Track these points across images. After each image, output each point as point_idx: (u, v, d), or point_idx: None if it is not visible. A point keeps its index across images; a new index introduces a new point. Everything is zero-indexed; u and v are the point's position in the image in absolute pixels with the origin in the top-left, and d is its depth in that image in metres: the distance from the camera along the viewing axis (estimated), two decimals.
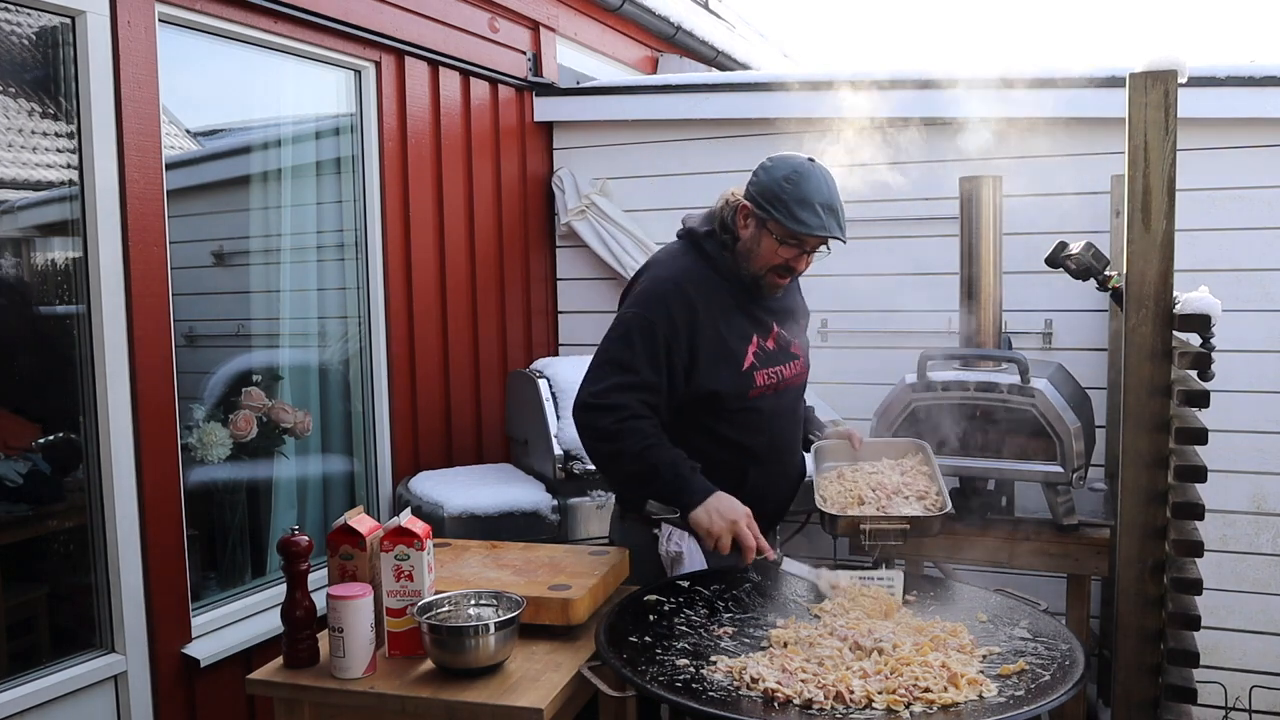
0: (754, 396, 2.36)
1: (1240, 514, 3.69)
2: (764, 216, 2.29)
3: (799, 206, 2.24)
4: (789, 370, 2.45)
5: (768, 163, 2.34)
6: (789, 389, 2.47)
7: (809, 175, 2.27)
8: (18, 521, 2.84)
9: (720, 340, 2.33)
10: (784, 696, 1.67)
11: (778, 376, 2.41)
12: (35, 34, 2.70)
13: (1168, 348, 2.01)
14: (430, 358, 3.92)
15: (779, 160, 2.33)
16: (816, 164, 2.31)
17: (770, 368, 2.40)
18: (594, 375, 2.32)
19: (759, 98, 4.17)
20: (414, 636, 1.94)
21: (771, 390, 2.40)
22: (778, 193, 2.26)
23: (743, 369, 2.35)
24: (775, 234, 2.29)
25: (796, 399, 2.55)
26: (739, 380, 2.34)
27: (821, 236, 2.27)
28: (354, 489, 3.76)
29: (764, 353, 2.40)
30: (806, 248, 2.32)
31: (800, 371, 2.51)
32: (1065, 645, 1.86)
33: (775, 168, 2.31)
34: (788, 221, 2.25)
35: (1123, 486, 2.05)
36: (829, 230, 2.26)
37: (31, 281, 3.07)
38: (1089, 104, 3.70)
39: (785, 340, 2.46)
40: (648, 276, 2.42)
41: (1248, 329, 3.59)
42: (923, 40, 16.09)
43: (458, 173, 4.07)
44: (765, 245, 2.32)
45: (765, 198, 2.28)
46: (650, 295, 2.34)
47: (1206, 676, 3.59)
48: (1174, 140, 1.96)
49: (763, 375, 2.38)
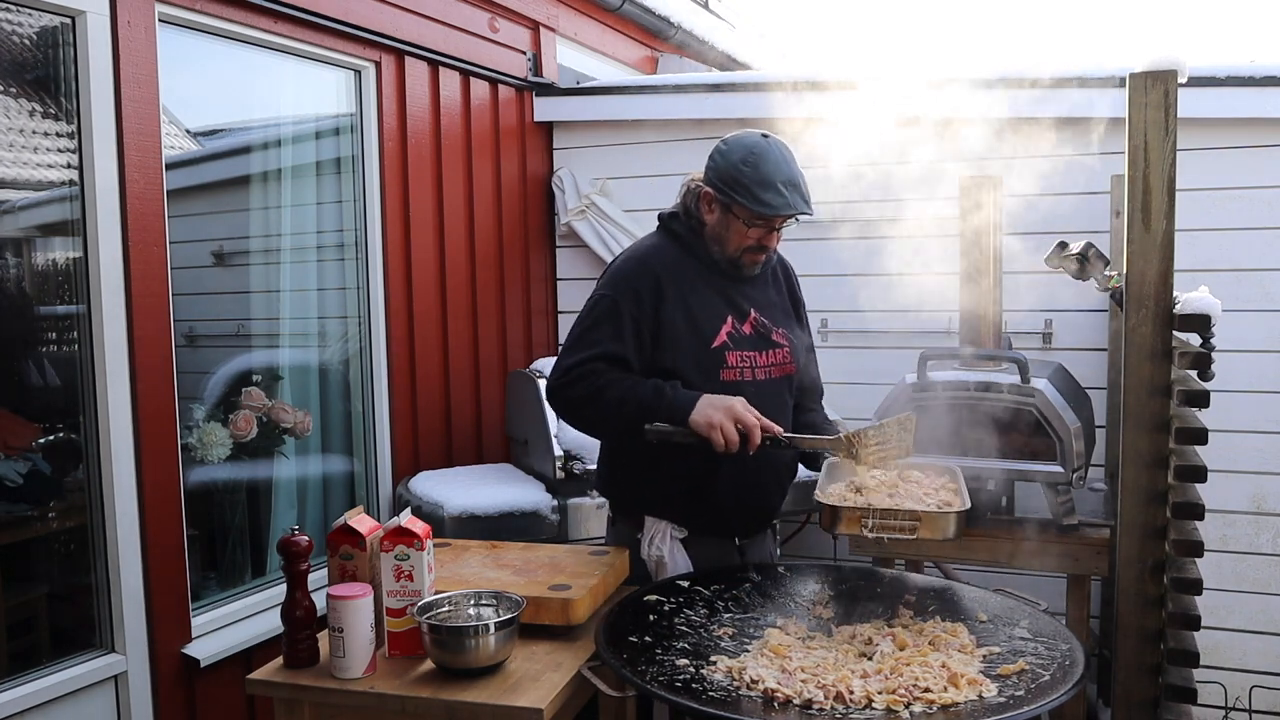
0: (727, 380, 2.31)
1: (1240, 514, 3.69)
2: (727, 201, 2.28)
3: (761, 188, 2.22)
4: (766, 358, 2.39)
5: (723, 145, 2.32)
6: (769, 380, 2.40)
7: (766, 154, 2.24)
8: (18, 521, 2.84)
9: (689, 313, 2.31)
10: (784, 696, 1.67)
11: (751, 361, 2.36)
12: (35, 34, 2.70)
13: (1168, 348, 2.01)
14: (430, 358, 3.92)
15: (734, 142, 2.30)
16: (772, 139, 2.28)
17: (744, 351, 2.35)
18: (563, 355, 2.31)
19: (759, 98, 4.17)
20: (414, 636, 1.94)
21: (748, 374, 2.35)
22: (737, 176, 2.24)
23: (712, 346, 2.32)
24: (741, 217, 2.28)
25: (781, 390, 2.46)
26: (707, 357, 2.31)
27: (787, 214, 2.26)
28: (354, 489, 3.76)
29: (739, 335, 2.35)
30: (775, 225, 2.31)
31: (784, 362, 2.43)
32: (1065, 645, 1.86)
33: (731, 150, 2.28)
34: (751, 204, 2.23)
35: (1123, 486, 2.05)
36: (794, 207, 2.23)
37: (32, 281, 3.07)
38: (1089, 104, 3.70)
39: (765, 327, 2.41)
40: (616, 259, 2.43)
41: (1248, 329, 3.59)
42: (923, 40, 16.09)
43: (458, 173, 4.07)
44: (734, 229, 2.30)
45: (725, 182, 2.26)
46: (616, 274, 2.35)
47: (1206, 676, 3.59)
48: (1174, 140, 1.96)
49: (735, 356, 2.33)
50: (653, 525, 2.36)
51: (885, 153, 2.82)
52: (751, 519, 2.45)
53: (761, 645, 1.91)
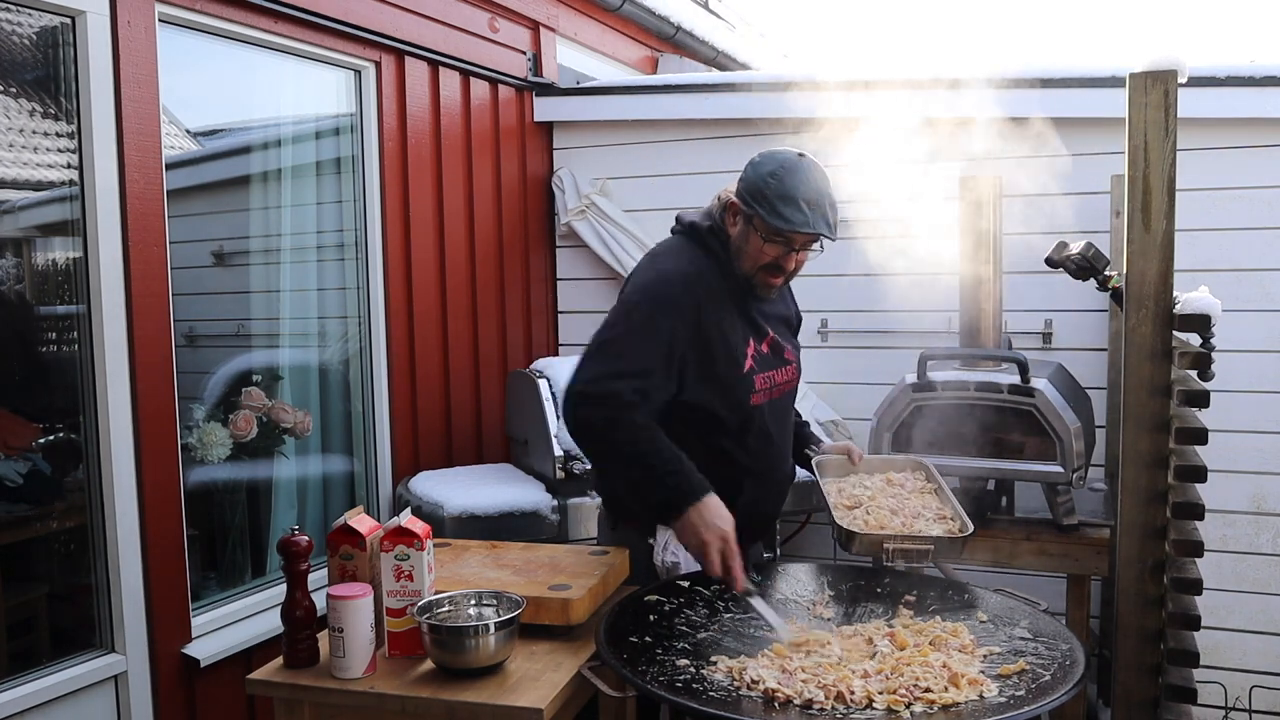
0: (754, 403, 2.29)
1: (1240, 514, 3.69)
2: (749, 213, 2.21)
3: (782, 202, 2.15)
4: (781, 375, 2.39)
5: (756, 158, 2.27)
6: (783, 395, 2.41)
7: (795, 169, 2.18)
8: (18, 521, 2.84)
9: (724, 339, 2.25)
10: (784, 696, 1.67)
11: (771, 381, 2.35)
12: (35, 34, 2.70)
13: (1168, 348, 2.01)
14: (430, 358, 3.92)
15: (767, 155, 2.25)
16: (806, 158, 2.22)
17: (766, 371, 2.33)
18: (585, 362, 2.23)
19: (759, 98, 4.17)
20: (414, 636, 1.94)
21: (768, 396, 2.34)
22: (762, 188, 2.18)
23: (743, 371, 2.28)
24: (760, 231, 2.21)
25: (789, 405, 2.48)
26: (740, 384, 2.27)
27: (805, 233, 2.18)
28: (354, 489, 3.76)
29: (760, 356, 2.33)
30: (794, 245, 2.22)
31: (793, 378, 2.44)
32: (1065, 645, 1.86)
33: (763, 163, 2.23)
34: (770, 217, 2.16)
35: (1123, 486, 2.05)
36: (813, 226, 2.15)
37: (32, 281, 3.07)
38: (1089, 104, 3.70)
39: (779, 345, 2.39)
40: (652, 266, 2.33)
41: (1248, 329, 3.59)
42: (923, 40, 16.09)
43: (458, 173, 4.07)
44: (752, 243, 2.24)
45: (750, 194, 2.21)
46: (656, 283, 2.25)
47: (1206, 676, 3.59)
48: (1174, 140, 1.96)
49: (761, 379, 2.31)
50: (665, 533, 2.31)
51: (885, 152, 2.82)
52: (758, 530, 2.45)
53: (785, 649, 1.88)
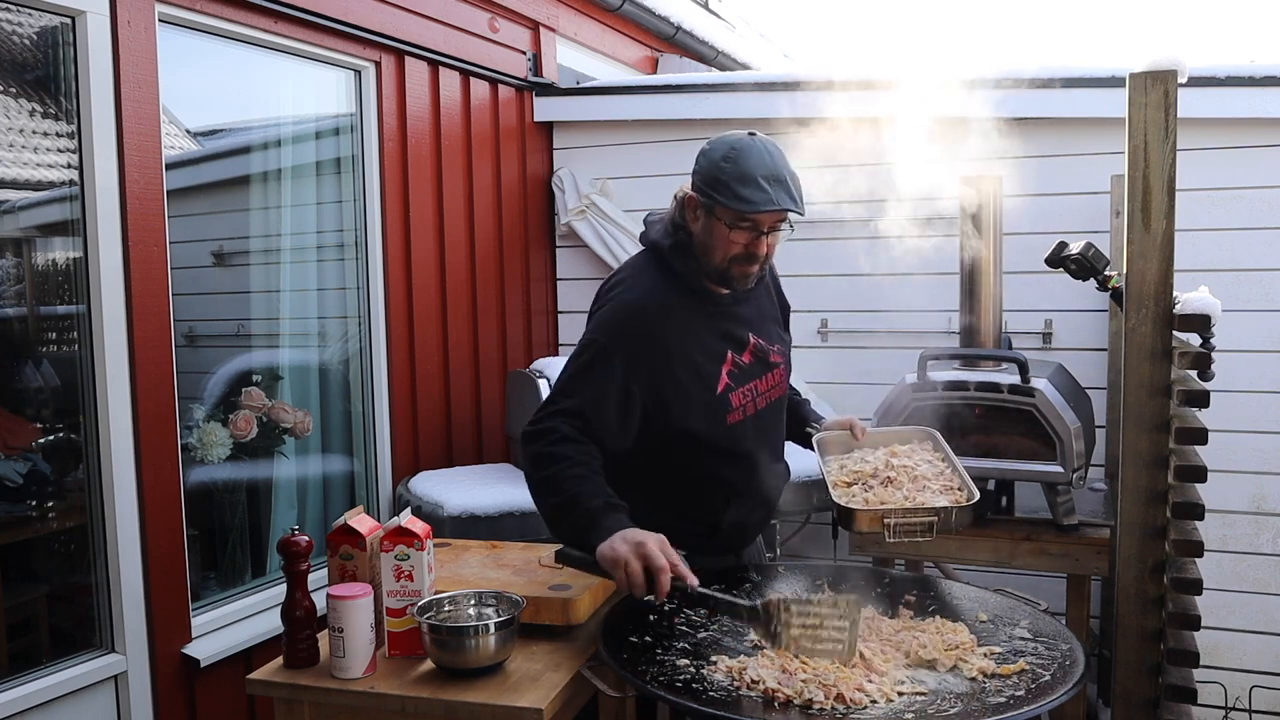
0: (732, 423, 2.20)
1: (1240, 514, 3.69)
2: (709, 203, 2.11)
3: (741, 184, 2.05)
4: (766, 383, 2.29)
5: (706, 146, 2.12)
6: (769, 406, 2.30)
7: (748, 149, 2.07)
8: (18, 521, 2.84)
9: (693, 366, 2.16)
10: (784, 696, 1.67)
11: (753, 393, 2.25)
12: (35, 34, 2.70)
13: (1168, 348, 2.01)
14: (430, 358, 3.92)
15: (717, 141, 2.15)
16: (758, 137, 2.12)
17: (745, 385, 2.23)
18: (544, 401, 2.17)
19: (759, 98, 4.17)
20: (414, 636, 1.94)
21: (751, 411, 2.24)
22: (717, 174, 2.08)
23: (717, 393, 2.18)
24: (724, 219, 2.10)
25: (777, 416, 2.37)
26: (715, 406, 2.18)
27: (770, 211, 2.07)
28: (354, 489, 3.76)
29: (739, 370, 2.23)
30: (762, 228, 2.11)
31: (779, 382, 2.34)
32: (1065, 645, 1.86)
33: (713, 150, 2.13)
34: (731, 202, 2.06)
35: (1123, 486, 2.05)
36: (777, 203, 2.03)
37: (32, 281, 3.07)
38: (1089, 104, 3.70)
39: (763, 349, 2.29)
40: (612, 298, 2.23)
41: (1248, 329, 3.59)
42: (923, 40, 16.11)
43: (458, 173, 4.07)
44: (718, 234, 2.12)
45: (707, 182, 2.11)
46: (613, 320, 2.17)
47: (1206, 676, 3.59)
48: (1174, 140, 1.96)
49: (738, 396, 2.21)
50: None
51: (885, 152, 2.82)
52: (751, 536, 2.43)
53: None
